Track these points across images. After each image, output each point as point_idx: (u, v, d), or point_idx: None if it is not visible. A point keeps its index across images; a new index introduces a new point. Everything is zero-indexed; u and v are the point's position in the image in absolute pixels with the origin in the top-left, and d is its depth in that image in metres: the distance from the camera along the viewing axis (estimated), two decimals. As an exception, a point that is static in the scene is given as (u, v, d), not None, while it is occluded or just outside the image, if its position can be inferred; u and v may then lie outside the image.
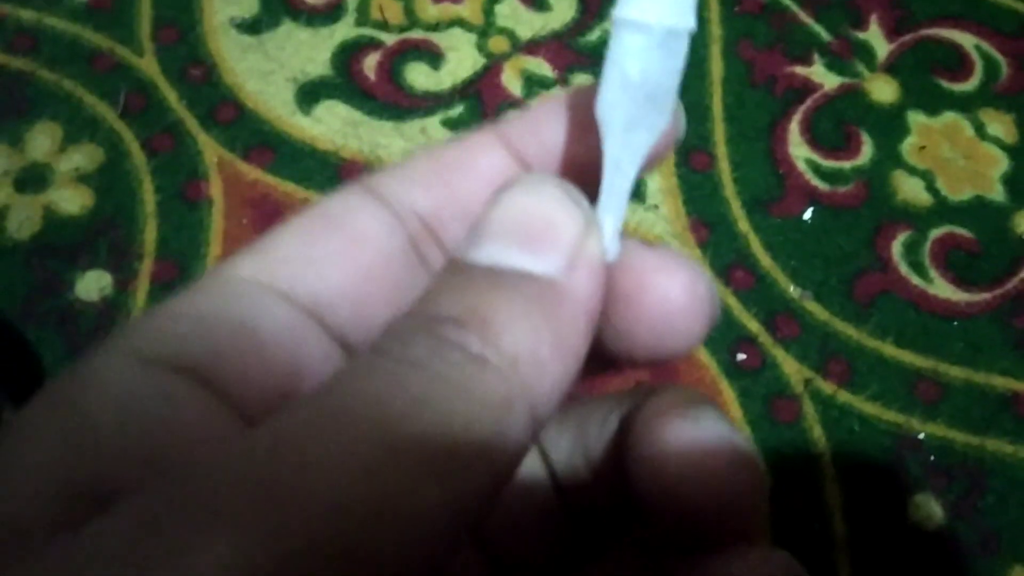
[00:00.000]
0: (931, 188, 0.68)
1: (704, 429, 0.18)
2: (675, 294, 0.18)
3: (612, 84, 0.18)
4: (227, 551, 0.12)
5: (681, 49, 0.18)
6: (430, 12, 0.74)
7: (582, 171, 0.19)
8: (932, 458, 0.60)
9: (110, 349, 0.17)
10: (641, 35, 0.18)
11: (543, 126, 0.20)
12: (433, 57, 0.72)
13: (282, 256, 0.18)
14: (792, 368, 0.62)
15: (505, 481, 0.15)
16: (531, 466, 0.21)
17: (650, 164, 0.20)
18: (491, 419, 0.15)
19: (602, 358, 0.19)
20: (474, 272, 0.16)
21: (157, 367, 0.16)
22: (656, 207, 0.67)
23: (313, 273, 0.18)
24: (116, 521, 0.13)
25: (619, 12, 0.18)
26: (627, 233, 0.19)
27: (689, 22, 0.18)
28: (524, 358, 0.15)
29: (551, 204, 0.17)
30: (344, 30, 0.73)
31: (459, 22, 0.74)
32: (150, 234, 0.65)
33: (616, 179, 0.18)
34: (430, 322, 0.15)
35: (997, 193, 0.68)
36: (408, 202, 0.19)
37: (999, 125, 0.71)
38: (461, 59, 0.72)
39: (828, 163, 0.69)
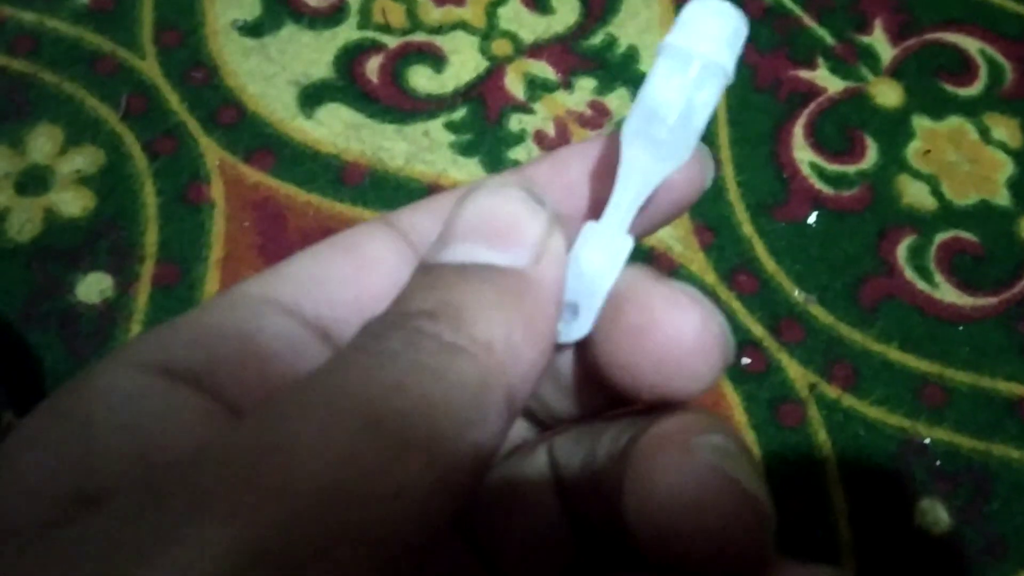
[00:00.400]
0: (936, 192, 0.68)
1: (703, 464, 0.16)
2: (686, 332, 0.17)
3: (642, 104, 0.19)
4: (212, 536, 0.12)
5: (715, 88, 0.18)
6: (433, 15, 0.74)
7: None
8: (938, 463, 0.59)
9: (111, 358, 0.17)
10: (678, 62, 0.18)
11: (568, 169, 0.20)
12: (436, 60, 0.72)
13: (291, 275, 0.19)
14: (797, 372, 0.62)
15: (486, 463, 0.15)
16: (541, 479, 0.20)
17: (674, 212, 0.20)
18: (468, 401, 0.15)
19: (609, 394, 0.19)
20: (444, 270, 0.17)
21: (156, 373, 0.17)
22: (660, 211, 0.66)
23: (320, 291, 0.19)
24: (102, 516, 0.13)
25: (667, 38, 0.19)
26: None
27: (727, 62, 0.18)
28: (498, 343, 0.16)
29: (515, 204, 0.17)
30: (346, 33, 0.73)
31: (462, 25, 0.74)
32: (151, 237, 0.64)
33: (622, 196, 0.19)
34: (403, 317, 0.16)
35: (1002, 197, 0.68)
36: (425, 233, 0.20)
37: (1004, 129, 0.71)
38: (464, 62, 0.72)
39: (833, 167, 0.69)
